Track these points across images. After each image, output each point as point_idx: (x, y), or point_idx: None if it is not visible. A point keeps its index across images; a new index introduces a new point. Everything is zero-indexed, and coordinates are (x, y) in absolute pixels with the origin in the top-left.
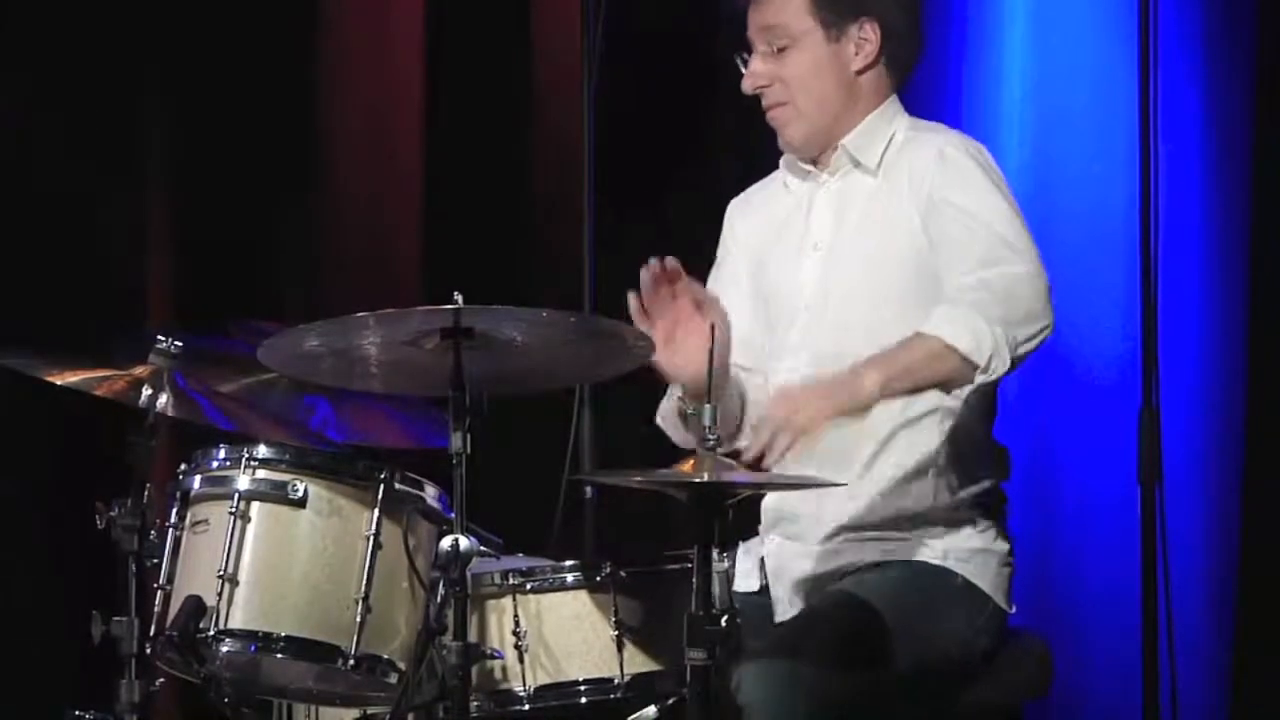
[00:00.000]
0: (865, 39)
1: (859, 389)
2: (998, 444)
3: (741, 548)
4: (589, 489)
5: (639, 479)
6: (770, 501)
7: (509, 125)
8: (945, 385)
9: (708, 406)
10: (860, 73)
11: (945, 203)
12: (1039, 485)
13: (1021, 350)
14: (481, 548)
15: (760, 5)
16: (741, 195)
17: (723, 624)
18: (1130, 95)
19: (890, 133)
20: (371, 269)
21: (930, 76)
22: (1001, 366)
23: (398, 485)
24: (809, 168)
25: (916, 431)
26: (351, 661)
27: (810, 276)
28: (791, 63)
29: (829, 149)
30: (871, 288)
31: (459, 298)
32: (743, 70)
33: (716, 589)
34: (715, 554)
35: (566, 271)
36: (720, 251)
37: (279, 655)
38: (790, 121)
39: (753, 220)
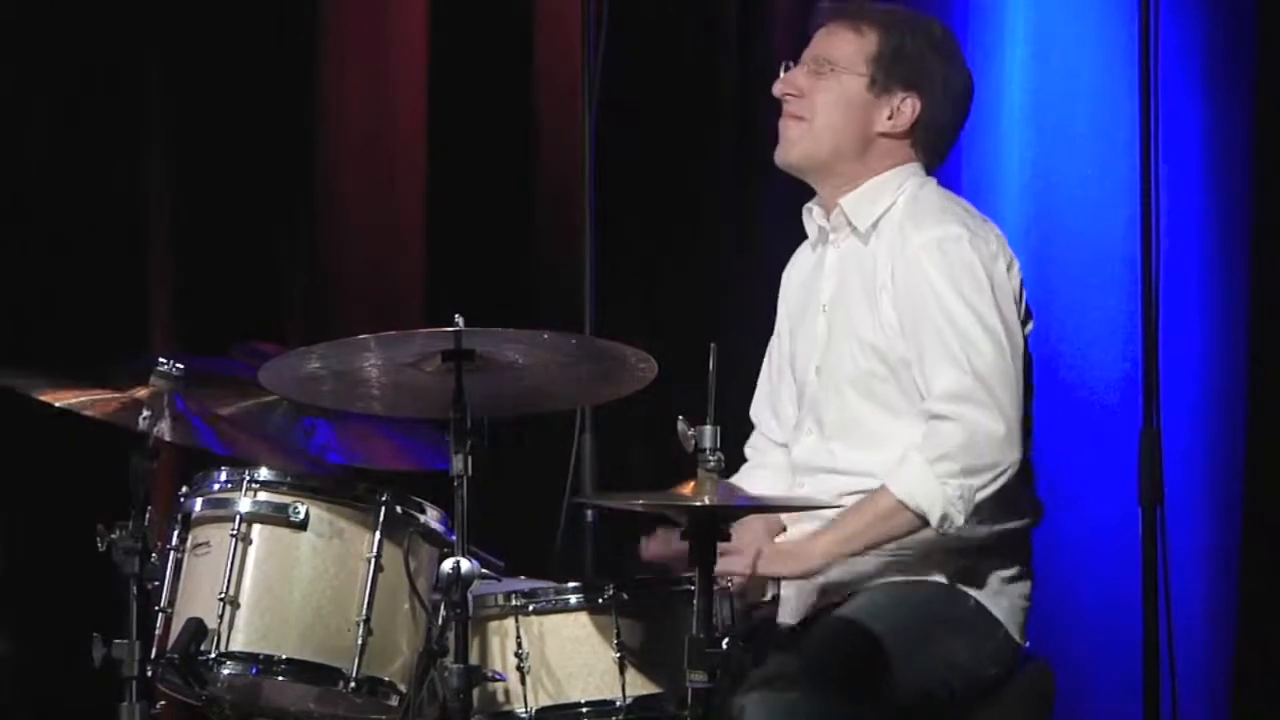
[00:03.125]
0: (902, 110)
1: (808, 561)
2: (1030, 486)
3: None
4: (590, 511)
5: (641, 502)
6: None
7: (510, 148)
8: (901, 538)
9: (708, 428)
10: (883, 135)
11: (923, 294)
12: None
13: (980, 496)
14: (483, 570)
15: (830, 34)
16: (793, 257)
17: (724, 646)
18: (1131, 115)
19: (891, 201)
20: (372, 291)
21: None
22: (958, 522)
23: (399, 508)
24: (822, 223)
25: None
26: (353, 684)
27: (820, 337)
28: (827, 88)
29: (834, 207)
30: (868, 354)
31: (460, 320)
32: (781, 74)
33: (718, 611)
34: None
35: (567, 293)
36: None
37: (280, 678)
38: (798, 139)
39: (792, 280)
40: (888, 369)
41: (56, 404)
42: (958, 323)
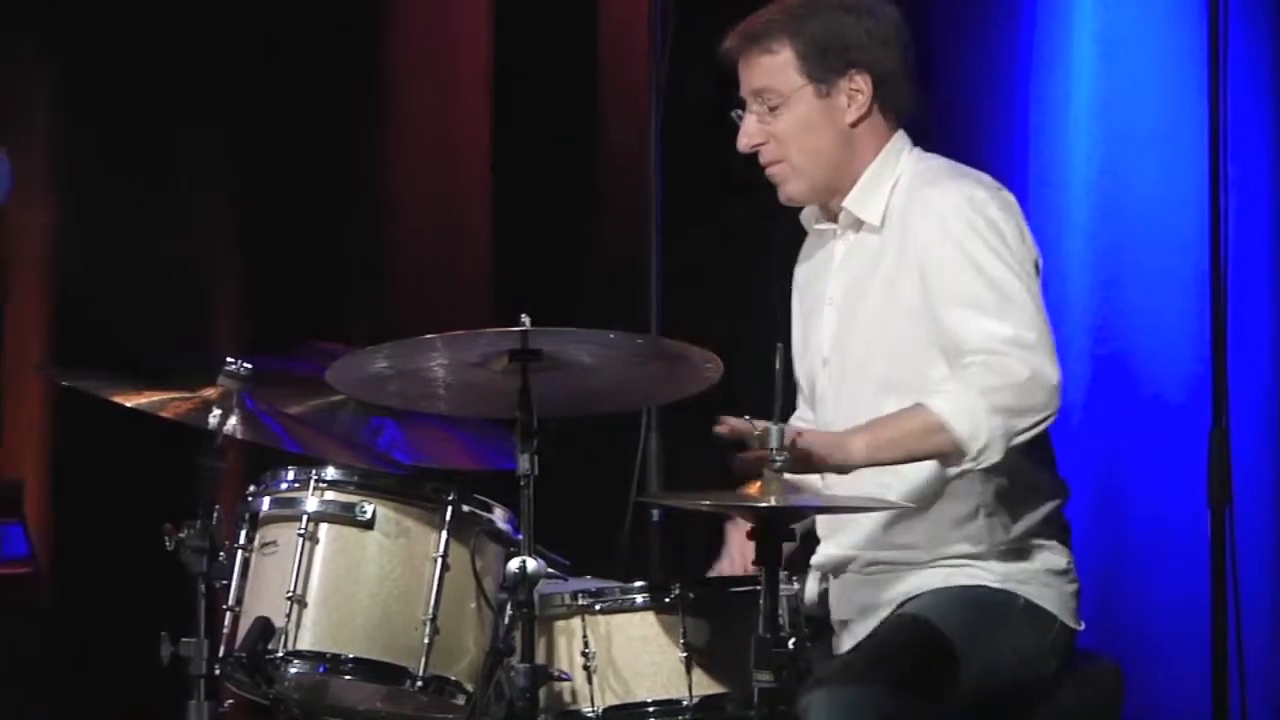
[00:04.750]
0: (857, 90)
1: (847, 452)
2: (1051, 469)
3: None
4: (656, 511)
5: (706, 502)
6: (829, 528)
7: (575, 148)
8: (935, 461)
9: (774, 427)
10: (855, 124)
11: (957, 253)
12: (1108, 506)
13: (1019, 439)
14: (549, 569)
15: (749, 67)
16: (801, 251)
17: (790, 646)
18: (1199, 114)
19: (891, 183)
20: (439, 291)
21: (998, 99)
22: (993, 458)
23: (465, 507)
24: (824, 226)
25: (965, 479)
26: (419, 683)
27: (828, 332)
28: (784, 121)
29: (838, 211)
30: (882, 344)
31: (526, 320)
32: (738, 124)
33: (784, 611)
34: (783, 576)
35: (634, 294)
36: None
37: (347, 677)
38: (788, 179)
39: (802, 271)
40: (902, 357)
41: (128, 405)
42: (999, 283)
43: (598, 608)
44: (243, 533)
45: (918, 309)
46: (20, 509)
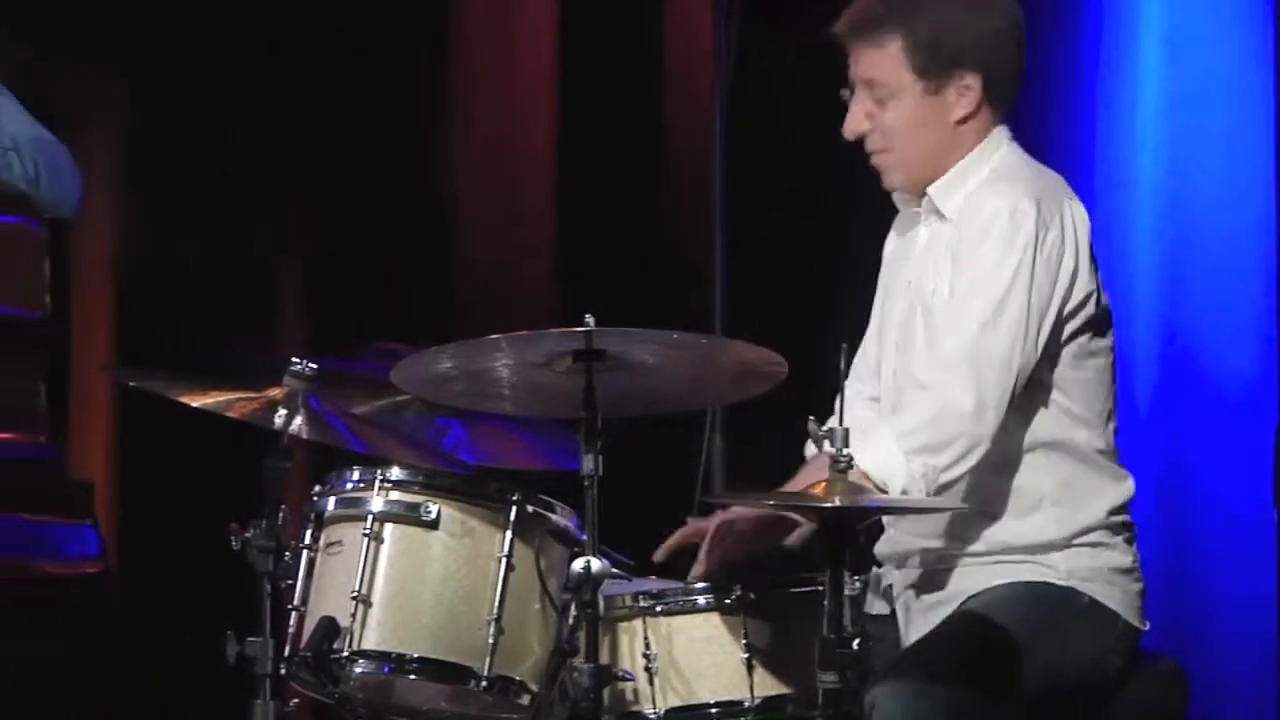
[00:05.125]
0: (966, 87)
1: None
2: (1114, 466)
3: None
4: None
5: (771, 502)
6: (892, 525)
7: (640, 146)
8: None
9: (839, 428)
10: (962, 121)
11: (969, 256)
12: (1172, 505)
13: (946, 477)
14: (613, 570)
15: (859, 57)
16: (893, 227)
17: (854, 647)
18: (1266, 114)
19: (979, 178)
20: (504, 291)
21: (1066, 100)
22: (919, 494)
23: (530, 507)
24: (915, 209)
25: (1023, 471)
26: (484, 683)
27: (903, 316)
28: (891, 114)
29: (923, 195)
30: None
31: (590, 320)
32: (847, 103)
33: (848, 612)
34: (846, 577)
35: (698, 293)
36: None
37: (412, 676)
38: (893, 169)
39: (891, 246)
40: None
41: (194, 405)
42: (978, 291)
43: (659, 609)
44: (308, 532)
45: None
46: (92, 510)
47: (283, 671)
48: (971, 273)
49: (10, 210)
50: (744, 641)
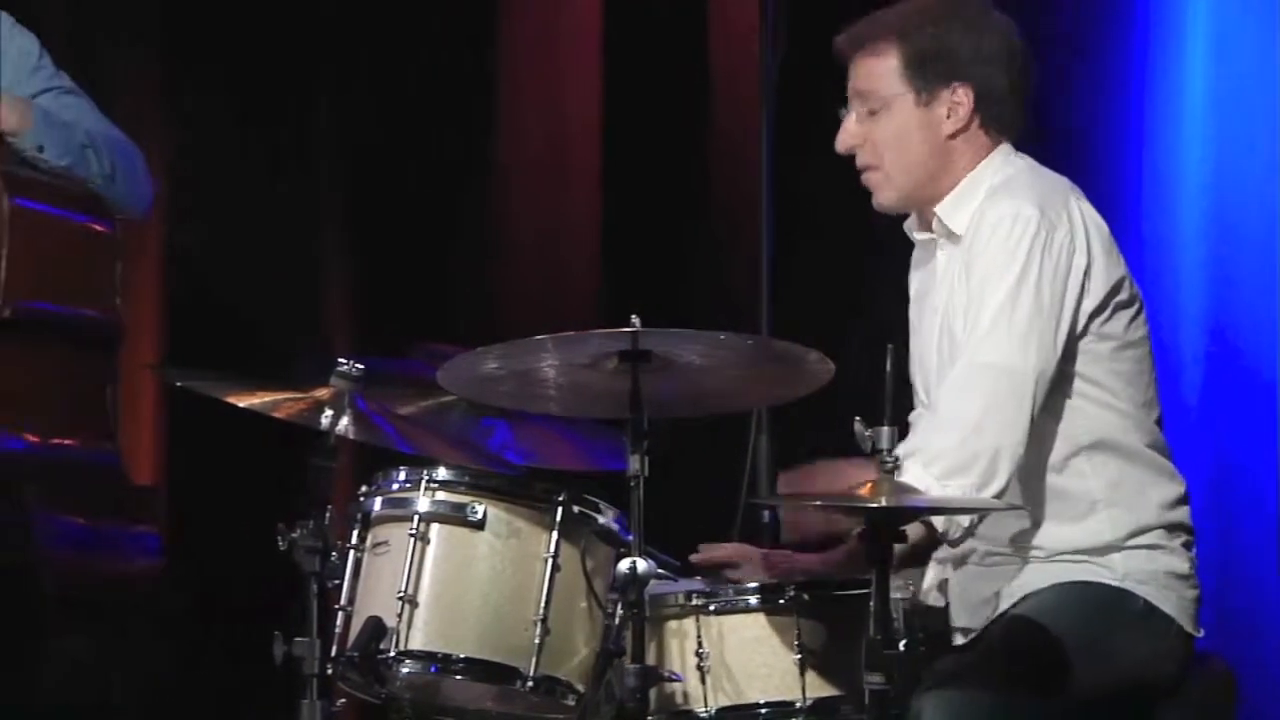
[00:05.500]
0: (958, 103)
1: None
2: (1167, 467)
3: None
4: (766, 512)
5: (818, 502)
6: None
7: (685, 149)
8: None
9: (885, 429)
10: (953, 136)
11: (977, 270)
12: (1220, 505)
13: (986, 493)
14: (659, 570)
15: (855, 67)
16: (914, 256)
17: (902, 648)
18: None
19: (981, 192)
20: (550, 292)
21: (1112, 98)
22: (963, 524)
23: (576, 508)
24: (924, 236)
25: (1071, 475)
26: (530, 683)
27: (932, 339)
28: (881, 126)
29: (930, 214)
30: None
31: (637, 321)
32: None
33: (896, 613)
34: (894, 578)
35: (744, 294)
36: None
37: (458, 676)
38: (881, 186)
39: (914, 281)
40: None
41: (241, 405)
42: (986, 301)
43: (712, 608)
44: (355, 533)
45: None
46: (153, 514)
47: (329, 671)
48: (979, 284)
49: (86, 210)
50: (796, 642)
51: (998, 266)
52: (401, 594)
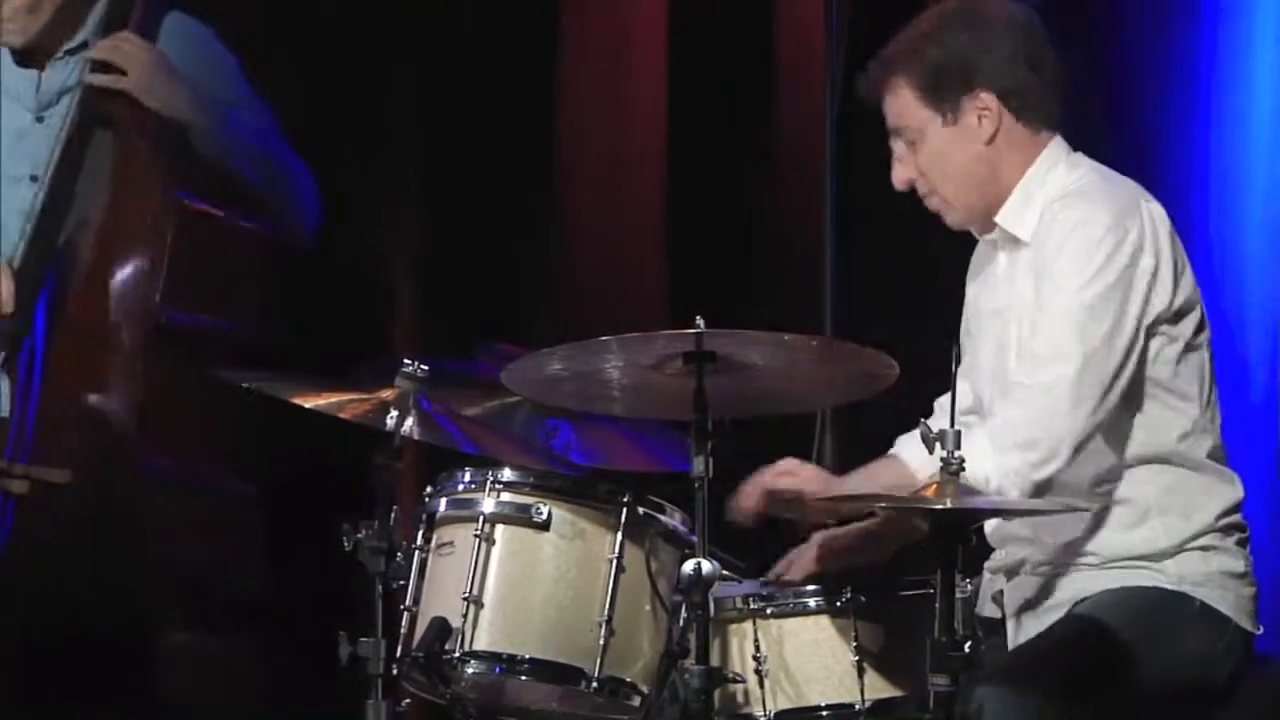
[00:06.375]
0: (984, 107)
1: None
2: (1223, 470)
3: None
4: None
5: (882, 504)
6: (1000, 533)
7: (750, 148)
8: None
9: (951, 431)
10: (991, 140)
11: (1050, 271)
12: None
13: (1038, 475)
14: (724, 571)
15: (886, 110)
16: (974, 257)
17: (966, 649)
18: None
19: (1044, 196)
20: (614, 293)
21: (1179, 98)
22: (1010, 494)
23: (640, 509)
24: (990, 236)
25: (1128, 483)
26: (595, 684)
27: (993, 343)
28: (924, 155)
29: (994, 228)
30: None
31: (701, 322)
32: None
33: (959, 614)
34: (958, 578)
35: (809, 295)
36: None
37: (523, 677)
38: (945, 208)
39: (973, 286)
40: None
41: (307, 405)
42: (1064, 305)
43: (769, 611)
44: (420, 533)
45: None
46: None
47: (395, 672)
48: (1057, 286)
49: (253, 219)
50: (854, 644)
51: (1078, 269)
52: (466, 594)
